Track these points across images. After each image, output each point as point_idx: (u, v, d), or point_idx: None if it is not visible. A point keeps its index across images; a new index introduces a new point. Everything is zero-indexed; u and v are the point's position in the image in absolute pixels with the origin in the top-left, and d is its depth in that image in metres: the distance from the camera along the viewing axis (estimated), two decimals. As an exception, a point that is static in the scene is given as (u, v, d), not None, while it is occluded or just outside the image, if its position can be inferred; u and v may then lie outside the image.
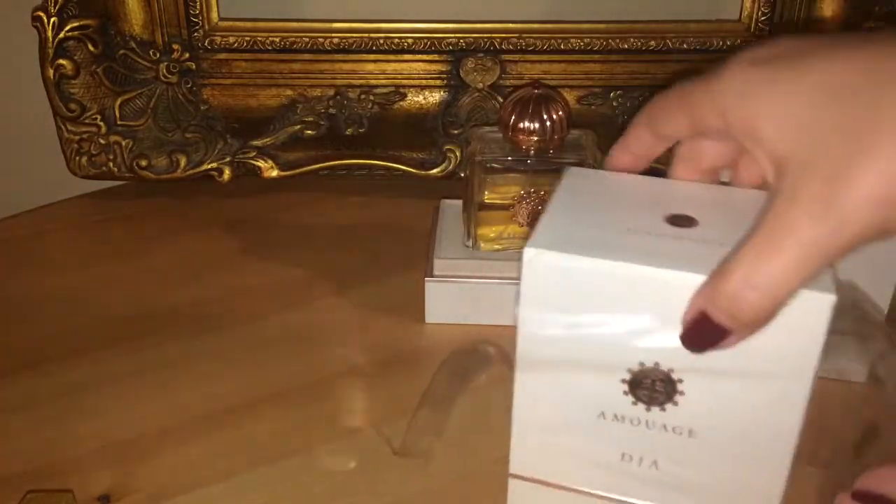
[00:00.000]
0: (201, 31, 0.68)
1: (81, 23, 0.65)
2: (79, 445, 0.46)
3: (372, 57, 0.69)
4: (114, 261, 0.63)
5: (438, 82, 0.70)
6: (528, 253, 0.31)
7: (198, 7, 0.67)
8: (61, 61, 0.65)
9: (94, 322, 0.56)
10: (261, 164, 0.69)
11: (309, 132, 0.70)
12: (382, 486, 0.43)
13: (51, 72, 0.65)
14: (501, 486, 0.37)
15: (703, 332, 0.30)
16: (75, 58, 0.65)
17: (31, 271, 0.62)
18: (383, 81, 0.70)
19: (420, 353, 0.53)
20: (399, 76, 0.70)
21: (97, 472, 0.44)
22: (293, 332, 0.55)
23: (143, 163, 0.68)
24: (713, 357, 0.31)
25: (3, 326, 0.56)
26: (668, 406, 0.32)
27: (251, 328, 0.55)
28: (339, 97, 0.70)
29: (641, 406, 0.33)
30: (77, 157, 0.68)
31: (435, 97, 0.70)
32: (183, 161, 0.68)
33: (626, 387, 0.33)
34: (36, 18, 0.64)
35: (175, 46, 0.68)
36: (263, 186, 0.70)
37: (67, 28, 0.65)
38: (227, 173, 0.69)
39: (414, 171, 0.69)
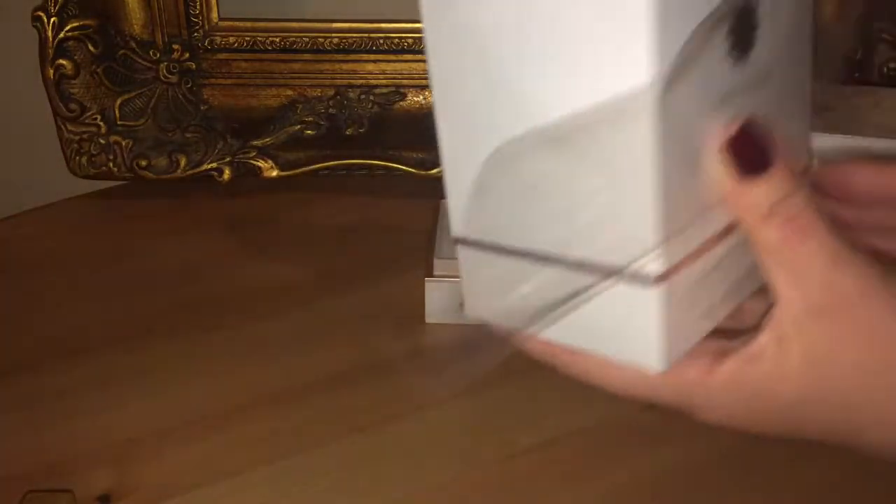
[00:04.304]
0: (201, 31, 0.68)
1: (81, 23, 0.65)
2: (79, 445, 0.46)
3: (372, 57, 0.69)
4: (114, 261, 0.63)
5: (438, 82, 0.70)
6: None
7: (198, 7, 0.67)
8: (61, 61, 0.65)
9: (94, 322, 0.56)
10: (261, 164, 0.69)
11: (309, 132, 0.70)
12: (382, 485, 0.43)
13: (51, 72, 0.65)
14: (501, 487, 0.37)
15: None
16: (75, 58, 0.65)
17: (31, 271, 0.62)
18: (383, 81, 0.70)
19: (420, 353, 0.53)
20: (399, 76, 0.70)
21: (97, 472, 0.44)
22: (293, 332, 0.55)
23: (143, 163, 0.68)
24: None
25: (3, 326, 0.56)
26: None
27: (251, 328, 0.55)
28: (339, 97, 0.70)
29: None
30: (77, 157, 0.68)
31: (435, 97, 0.70)
32: (183, 161, 0.68)
33: None
34: (36, 18, 0.64)
35: (175, 46, 0.68)
36: (263, 186, 0.70)
37: (67, 28, 0.65)
38: (227, 173, 0.69)
39: (414, 171, 0.69)
